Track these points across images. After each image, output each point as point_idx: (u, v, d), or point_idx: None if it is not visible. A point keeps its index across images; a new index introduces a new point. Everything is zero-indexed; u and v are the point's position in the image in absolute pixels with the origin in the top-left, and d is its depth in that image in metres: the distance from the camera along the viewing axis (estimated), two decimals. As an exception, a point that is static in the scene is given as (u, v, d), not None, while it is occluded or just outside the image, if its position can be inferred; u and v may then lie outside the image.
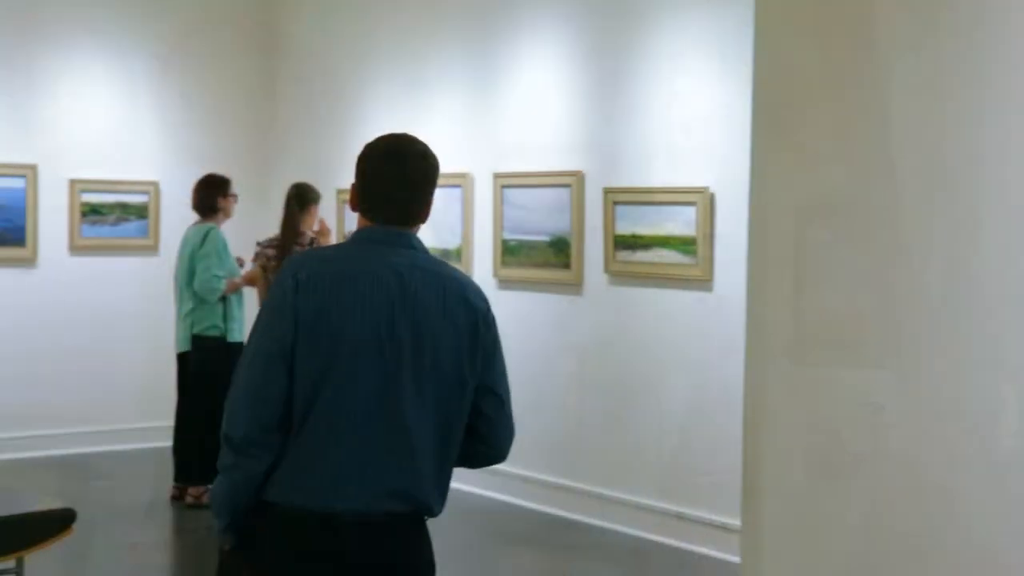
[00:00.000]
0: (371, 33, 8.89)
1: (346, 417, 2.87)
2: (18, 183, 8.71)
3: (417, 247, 3.00)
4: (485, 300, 3.04)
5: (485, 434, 3.06)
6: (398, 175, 2.99)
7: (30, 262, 8.80)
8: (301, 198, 7.37)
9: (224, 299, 7.39)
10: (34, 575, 5.45)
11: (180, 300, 7.50)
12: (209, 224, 7.49)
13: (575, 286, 7.39)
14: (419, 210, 3.01)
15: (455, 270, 3.10)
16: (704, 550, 6.60)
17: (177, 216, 9.29)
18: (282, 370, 2.86)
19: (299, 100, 9.56)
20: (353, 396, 2.87)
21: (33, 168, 8.75)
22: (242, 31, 9.68)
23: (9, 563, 5.27)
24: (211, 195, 7.54)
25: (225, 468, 2.94)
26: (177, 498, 7.55)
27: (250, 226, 8.53)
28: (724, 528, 6.44)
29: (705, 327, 6.68)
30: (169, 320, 7.66)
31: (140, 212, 9.23)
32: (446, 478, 3.02)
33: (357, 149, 3.16)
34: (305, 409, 2.87)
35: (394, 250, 2.95)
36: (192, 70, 9.44)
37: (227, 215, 7.63)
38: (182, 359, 7.49)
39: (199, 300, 7.35)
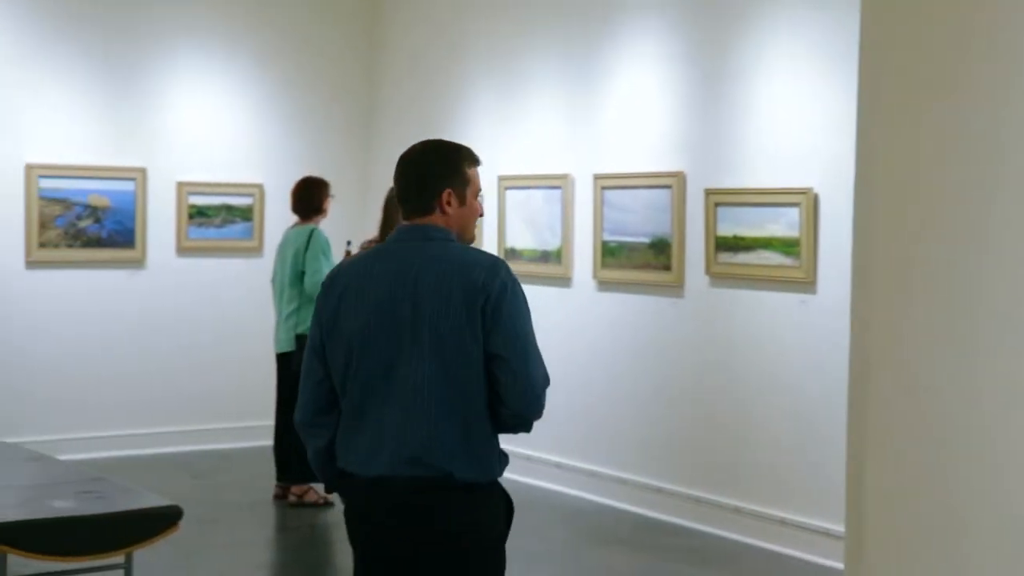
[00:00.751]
0: (470, 35, 8.93)
1: (365, 394, 3.28)
2: (128, 186, 8.91)
3: (434, 237, 3.33)
4: (491, 272, 3.25)
5: (502, 396, 3.27)
6: (399, 178, 3.41)
7: (139, 263, 9.00)
8: (401, 200, 7.43)
9: (327, 300, 7.48)
10: (142, 571, 5.56)
11: (281, 301, 7.60)
12: (310, 225, 7.60)
13: (676, 288, 7.35)
14: (427, 202, 3.35)
15: (469, 250, 3.38)
16: (806, 556, 6.51)
17: (280, 218, 9.44)
18: (316, 363, 3.37)
19: (399, 102, 9.64)
20: (367, 375, 3.27)
21: (142, 171, 8.95)
22: (343, 35, 9.79)
23: (118, 558, 5.40)
24: (317, 196, 7.66)
25: (305, 445, 3.48)
26: (280, 497, 7.65)
27: (349, 227, 8.63)
28: (827, 534, 6.35)
29: (808, 330, 6.59)
30: (273, 320, 7.78)
31: (245, 214, 9.38)
32: (478, 444, 3.27)
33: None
34: (341, 390, 3.33)
35: (413, 243, 3.34)
36: (295, 74, 9.58)
37: (325, 216, 7.75)
38: (283, 359, 7.59)
39: (302, 300, 7.45)
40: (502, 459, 3.34)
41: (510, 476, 7.65)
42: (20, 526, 5.12)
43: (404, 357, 3.23)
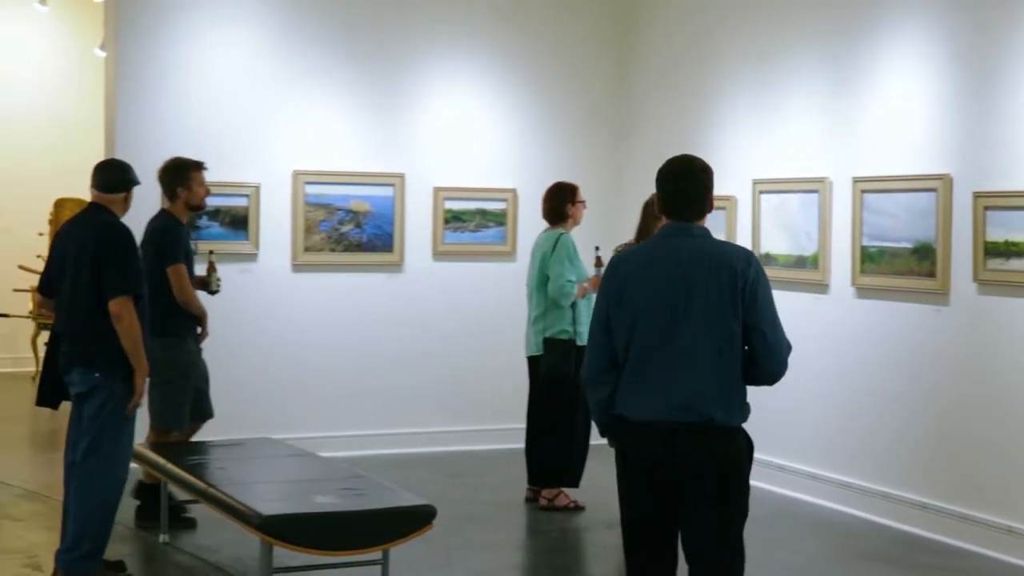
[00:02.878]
0: (725, 36, 8.79)
1: (648, 356, 4.11)
2: (387, 191, 9.17)
3: (698, 234, 4.20)
4: (747, 262, 4.11)
5: (756, 359, 4.13)
6: (680, 187, 4.23)
7: (397, 267, 9.24)
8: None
9: (574, 304, 7.49)
10: (398, 567, 5.69)
11: (531, 304, 7.66)
12: (559, 230, 7.63)
13: (940, 295, 7.02)
14: (700, 208, 4.22)
15: (725, 244, 4.35)
16: (1084, 582, 6.12)
17: (533, 222, 9.52)
18: (602, 332, 4.20)
19: (652, 107, 9.57)
20: (650, 341, 4.11)
21: (401, 177, 9.19)
22: (597, 42, 9.79)
23: (376, 554, 5.54)
24: (560, 202, 7.68)
25: (587, 397, 4.35)
26: (531, 500, 7.71)
27: (601, 232, 8.61)
28: (1107, 559, 5.94)
29: (1087, 341, 6.19)
30: (518, 326, 7.86)
31: (499, 218, 9.51)
32: (729, 395, 4.11)
33: (712, 156, 3.25)
34: (624, 353, 4.15)
35: (680, 239, 4.19)
36: (549, 80, 9.64)
37: (576, 222, 7.73)
38: (533, 362, 7.64)
39: (549, 304, 7.48)
40: (747, 409, 4.16)
41: (762, 485, 7.48)
42: (285, 519, 5.32)
43: (679, 327, 4.07)
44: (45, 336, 11.58)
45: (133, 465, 6.12)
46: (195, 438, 7.27)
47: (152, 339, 5.99)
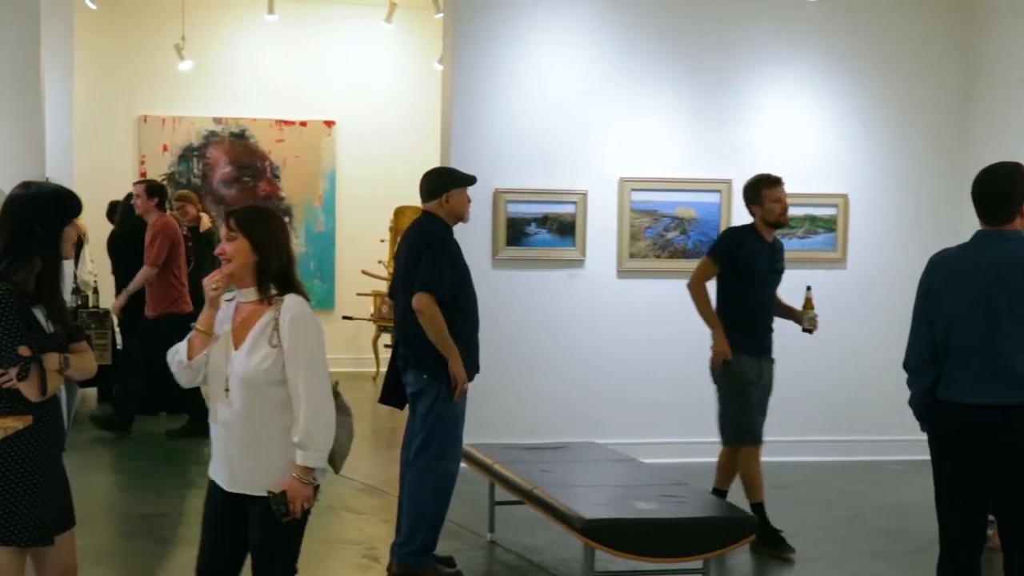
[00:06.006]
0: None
1: (966, 348, 4.60)
2: (713, 198, 9.11)
3: (1011, 239, 4.60)
4: None
5: None
6: (983, 193, 4.65)
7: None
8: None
9: None
10: (718, 578, 5.66)
11: None
12: None
13: None
14: (1004, 212, 4.61)
15: None
16: None
17: (865, 228, 9.23)
18: (924, 325, 4.72)
19: (996, 109, 9.07)
20: (972, 335, 4.58)
21: (728, 183, 9.10)
22: (936, 45, 9.36)
23: (696, 563, 5.51)
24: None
25: (908, 384, 4.81)
26: None
27: (941, 240, 8.22)
28: None
29: None
30: (856, 334, 7.62)
31: (828, 225, 9.27)
32: None
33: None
34: (944, 344, 4.66)
35: (991, 244, 4.62)
36: (882, 84, 9.32)
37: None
38: None
39: None
40: None
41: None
42: (607, 524, 5.38)
43: (1001, 321, 4.51)
44: (385, 338, 12.23)
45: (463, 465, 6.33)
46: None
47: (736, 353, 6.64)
